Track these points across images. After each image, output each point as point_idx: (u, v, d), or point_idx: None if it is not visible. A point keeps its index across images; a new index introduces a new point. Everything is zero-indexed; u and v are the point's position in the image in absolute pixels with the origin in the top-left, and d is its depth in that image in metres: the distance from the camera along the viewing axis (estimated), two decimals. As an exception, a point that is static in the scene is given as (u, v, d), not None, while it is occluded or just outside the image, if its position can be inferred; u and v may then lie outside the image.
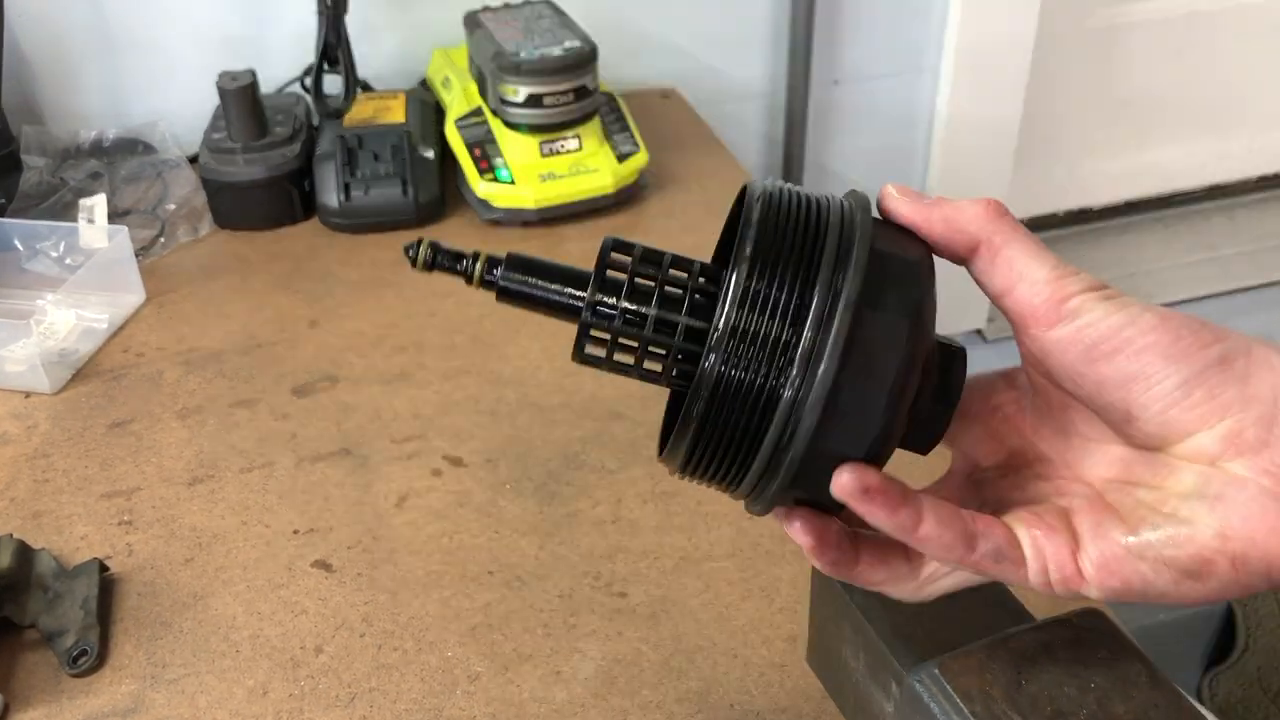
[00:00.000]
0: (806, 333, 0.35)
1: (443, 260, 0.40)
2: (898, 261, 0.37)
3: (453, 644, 0.64)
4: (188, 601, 0.67)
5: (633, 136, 1.08)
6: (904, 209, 0.39)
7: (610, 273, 0.39)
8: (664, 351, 0.39)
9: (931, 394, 0.39)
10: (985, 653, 0.46)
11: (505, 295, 0.40)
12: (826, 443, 0.36)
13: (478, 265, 0.40)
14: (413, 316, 0.92)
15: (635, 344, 0.39)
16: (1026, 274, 0.38)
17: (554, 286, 0.40)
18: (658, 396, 0.43)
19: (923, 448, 0.41)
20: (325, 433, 0.80)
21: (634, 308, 0.39)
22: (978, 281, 0.40)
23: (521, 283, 0.40)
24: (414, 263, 0.40)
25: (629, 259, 0.39)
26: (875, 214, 0.39)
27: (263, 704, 0.61)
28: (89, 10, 1.11)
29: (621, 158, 1.05)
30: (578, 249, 1.00)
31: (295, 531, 0.72)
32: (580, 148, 1.04)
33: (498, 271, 0.40)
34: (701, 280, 0.39)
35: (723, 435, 0.37)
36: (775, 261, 0.36)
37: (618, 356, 0.39)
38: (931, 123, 1.49)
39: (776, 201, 0.38)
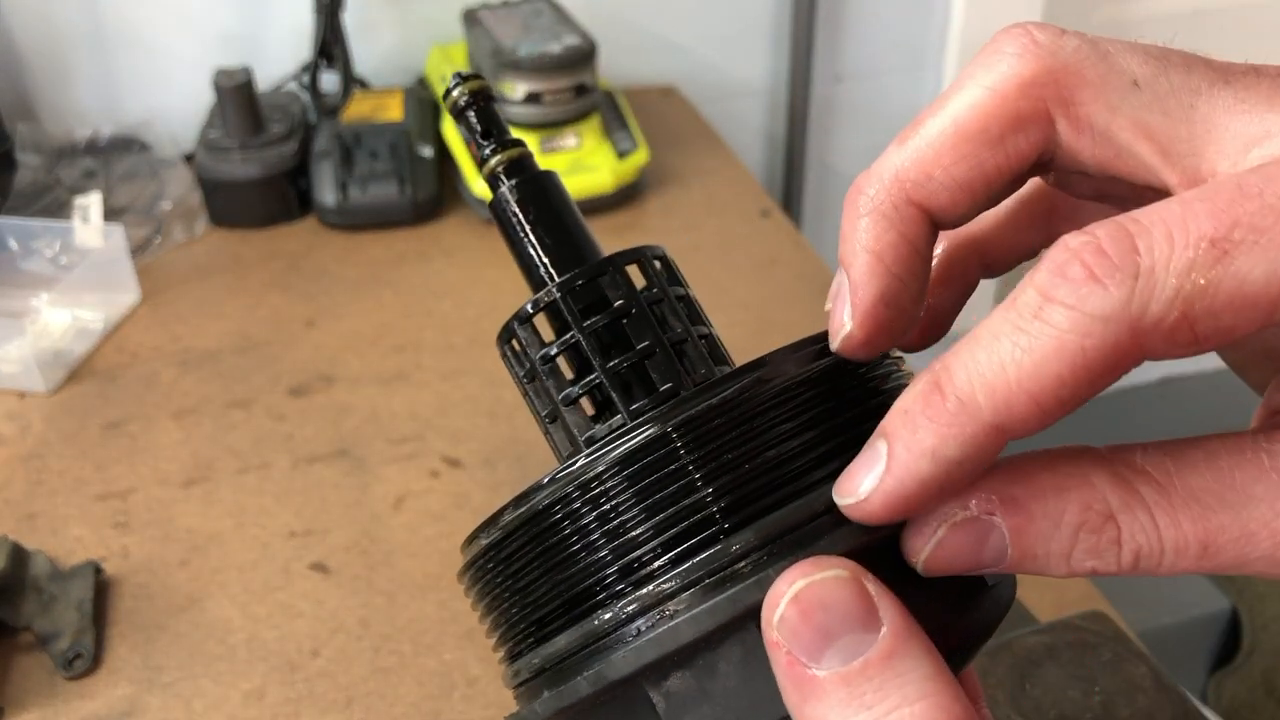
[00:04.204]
0: (687, 570, 0.25)
1: (472, 117, 0.32)
2: None
3: (450, 647, 0.64)
4: (183, 604, 0.66)
5: (632, 134, 1.07)
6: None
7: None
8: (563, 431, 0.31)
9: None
10: (988, 656, 0.45)
11: (494, 211, 0.33)
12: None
13: (495, 159, 0.32)
14: (410, 316, 0.91)
15: (536, 396, 0.31)
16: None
17: (538, 246, 0.32)
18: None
19: None
20: (322, 433, 0.79)
21: (555, 351, 0.30)
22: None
23: (516, 214, 0.32)
24: (445, 96, 0.33)
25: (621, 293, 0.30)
26: None
27: (259, 707, 0.60)
28: (84, 7, 1.10)
29: (621, 155, 1.05)
30: (577, 247, 0.99)
31: (292, 533, 0.71)
32: (579, 145, 1.03)
33: (510, 183, 0.32)
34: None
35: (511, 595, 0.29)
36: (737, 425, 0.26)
37: (528, 388, 0.32)
38: (933, 120, 1.49)
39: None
